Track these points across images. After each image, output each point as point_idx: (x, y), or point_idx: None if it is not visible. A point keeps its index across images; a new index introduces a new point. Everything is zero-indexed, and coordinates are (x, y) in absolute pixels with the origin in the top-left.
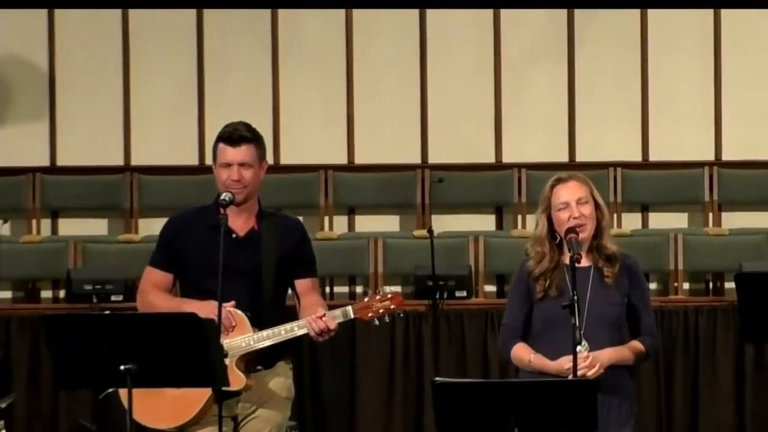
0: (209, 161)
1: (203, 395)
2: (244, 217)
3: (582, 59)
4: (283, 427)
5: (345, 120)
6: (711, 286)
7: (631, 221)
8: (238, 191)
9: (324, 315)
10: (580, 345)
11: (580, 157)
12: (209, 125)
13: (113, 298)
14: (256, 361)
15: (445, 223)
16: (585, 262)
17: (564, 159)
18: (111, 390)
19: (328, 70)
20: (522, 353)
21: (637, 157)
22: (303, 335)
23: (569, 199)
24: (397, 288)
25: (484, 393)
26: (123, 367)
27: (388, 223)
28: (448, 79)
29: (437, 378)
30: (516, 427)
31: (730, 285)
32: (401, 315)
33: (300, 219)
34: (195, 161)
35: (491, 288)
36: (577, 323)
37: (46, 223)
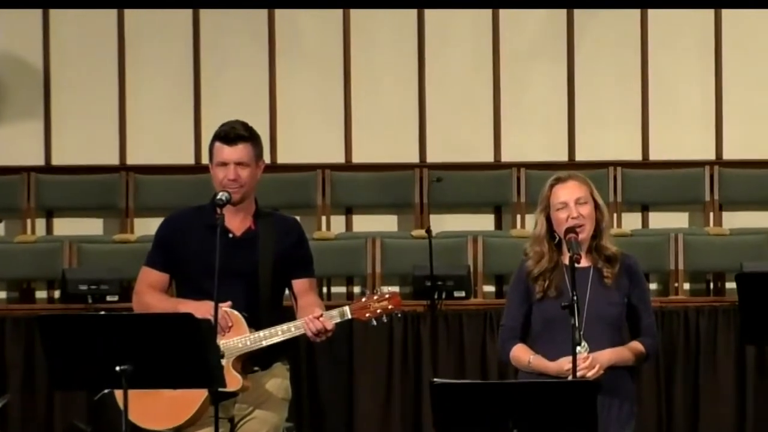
0: (205, 160)
1: (200, 396)
2: (240, 217)
3: (582, 58)
4: (281, 429)
5: (343, 119)
6: (712, 286)
7: (631, 221)
8: (234, 191)
9: (321, 315)
10: (579, 346)
11: (579, 157)
12: (205, 124)
13: (109, 298)
14: (252, 362)
15: (444, 223)
16: (584, 262)
17: (563, 158)
18: (106, 391)
19: (325, 68)
20: (521, 354)
21: (638, 157)
22: (300, 336)
23: (568, 199)
24: (395, 288)
25: (482, 394)
26: (119, 368)
27: (386, 223)
28: (446, 78)
29: (435, 379)
30: (515, 429)
31: (731, 285)
32: (399, 315)
33: (297, 219)
34: (191, 160)
35: (490, 288)
36: (577, 324)
37: (40, 223)
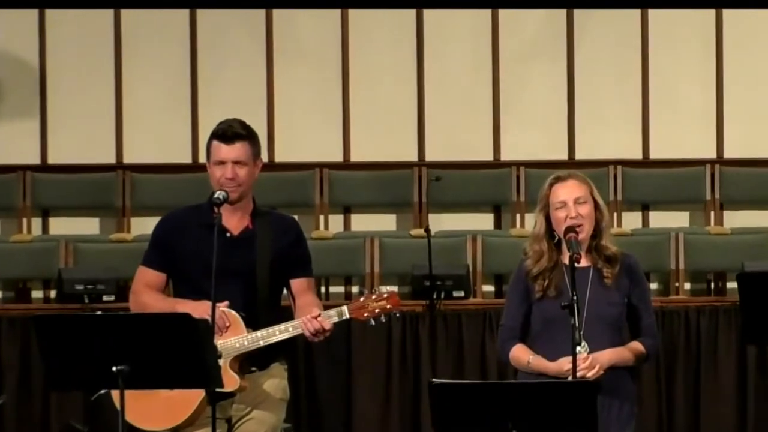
0: (203, 159)
1: (197, 397)
2: (238, 216)
3: (581, 56)
4: (278, 429)
5: (341, 117)
6: (712, 286)
7: (632, 220)
8: (232, 189)
9: (319, 315)
10: (579, 346)
11: (579, 155)
12: (203, 123)
13: (105, 298)
14: (250, 362)
15: (443, 222)
16: (584, 262)
17: (563, 157)
18: (103, 391)
19: (323, 66)
20: (521, 354)
21: (638, 155)
22: (298, 336)
23: (567, 199)
24: (394, 288)
25: (482, 394)
26: (115, 368)
27: (384, 222)
28: (445, 76)
29: (434, 379)
30: (514, 429)
31: (732, 285)
32: (397, 315)
33: (295, 218)
34: (188, 159)
35: (489, 288)
36: (577, 324)
37: (36, 222)
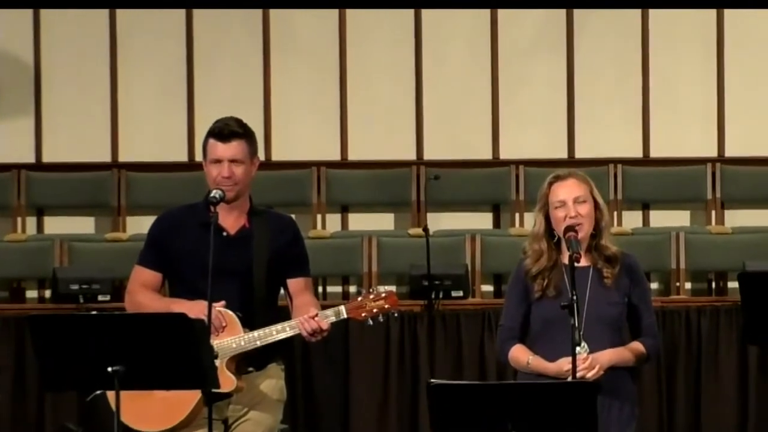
0: (199, 158)
1: (193, 397)
2: (234, 215)
3: (581, 53)
4: (275, 430)
5: (338, 115)
6: (713, 285)
7: (632, 219)
8: (228, 188)
9: (316, 315)
10: (579, 346)
11: (579, 154)
12: (199, 121)
13: (100, 298)
14: (247, 363)
15: (441, 222)
16: (584, 261)
17: (563, 155)
18: (98, 392)
19: (320, 64)
20: (520, 355)
21: (638, 154)
22: (295, 336)
23: (566, 198)
24: (392, 288)
25: (480, 395)
26: (111, 369)
27: (382, 222)
28: (443, 74)
29: (433, 380)
30: (514, 430)
31: (733, 285)
32: (395, 315)
33: (292, 217)
34: (184, 158)
35: (488, 288)
36: (576, 324)
37: (31, 221)
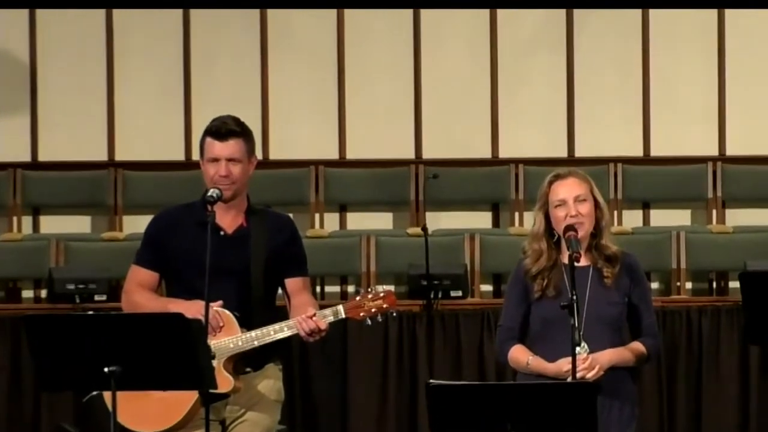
0: (196, 156)
1: (190, 398)
2: (232, 214)
3: (581, 51)
4: (273, 431)
5: (336, 114)
6: (714, 285)
7: (632, 218)
8: (226, 187)
9: (314, 315)
10: (579, 346)
11: (579, 152)
12: (196, 119)
13: (97, 297)
14: (244, 363)
15: (440, 221)
16: (584, 261)
17: (563, 154)
18: (95, 393)
19: (318, 62)
20: (519, 355)
21: (639, 153)
22: (293, 336)
23: (567, 197)
24: (391, 287)
25: (480, 396)
26: (107, 369)
27: (380, 221)
28: (442, 72)
29: (431, 380)
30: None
31: (734, 284)
32: (394, 314)
33: (290, 216)
34: (181, 156)
35: (487, 288)
36: (576, 324)
37: (27, 221)
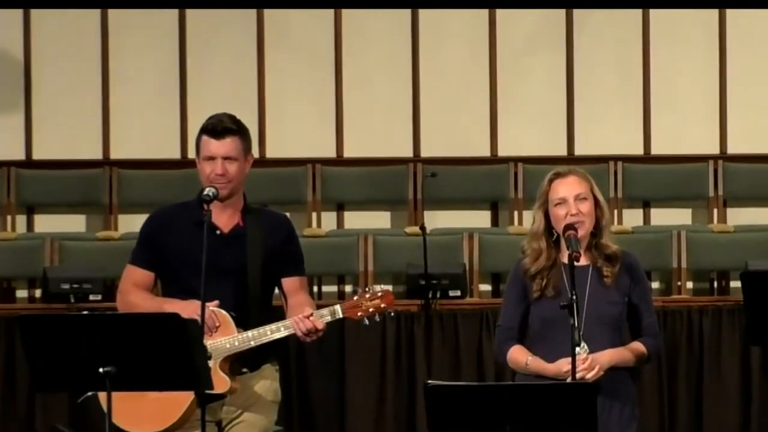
0: (192, 155)
1: (186, 399)
2: (228, 213)
3: (581, 49)
4: None
5: (334, 112)
6: (716, 285)
7: (633, 217)
8: (222, 186)
9: (311, 315)
10: (578, 346)
11: (579, 151)
12: (192, 117)
13: (92, 297)
14: (241, 363)
15: (438, 220)
16: (583, 260)
17: (562, 152)
18: (90, 393)
19: (316, 60)
20: (519, 356)
21: (639, 151)
22: (290, 336)
23: (567, 195)
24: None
25: (478, 396)
26: (102, 370)
27: (378, 220)
28: (441, 69)
29: (430, 381)
30: None
31: (735, 284)
32: (392, 314)
33: (287, 215)
34: (177, 155)
35: (486, 287)
36: (576, 324)
37: (21, 220)
